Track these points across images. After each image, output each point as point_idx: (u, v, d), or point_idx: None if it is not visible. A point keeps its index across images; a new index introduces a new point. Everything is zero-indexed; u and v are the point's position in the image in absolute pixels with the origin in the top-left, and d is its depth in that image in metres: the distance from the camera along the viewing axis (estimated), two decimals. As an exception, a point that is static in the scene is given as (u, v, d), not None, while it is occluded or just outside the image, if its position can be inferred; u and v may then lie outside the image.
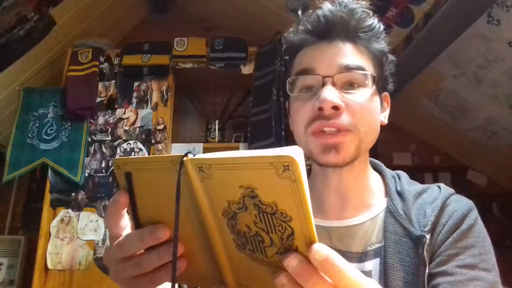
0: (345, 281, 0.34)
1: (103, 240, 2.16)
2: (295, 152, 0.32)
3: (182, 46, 2.49)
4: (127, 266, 0.42)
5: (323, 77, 0.62)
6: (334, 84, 0.61)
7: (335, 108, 0.59)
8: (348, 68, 0.62)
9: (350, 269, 0.34)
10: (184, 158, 0.36)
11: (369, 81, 0.63)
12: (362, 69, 0.63)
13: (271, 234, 0.36)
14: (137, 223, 0.43)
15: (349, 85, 0.62)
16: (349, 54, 0.63)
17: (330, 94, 0.59)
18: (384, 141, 2.93)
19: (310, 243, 0.34)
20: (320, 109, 0.60)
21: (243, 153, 0.34)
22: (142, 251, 0.42)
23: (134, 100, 2.43)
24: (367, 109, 0.62)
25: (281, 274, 0.35)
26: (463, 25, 1.75)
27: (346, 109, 0.60)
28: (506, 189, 2.86)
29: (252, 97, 2.43)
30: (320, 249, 0.34)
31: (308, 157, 0.64)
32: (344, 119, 0.60)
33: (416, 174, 2.78)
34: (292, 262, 0.34)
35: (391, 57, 0.70)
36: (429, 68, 2.16)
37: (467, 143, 2.71)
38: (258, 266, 0.39)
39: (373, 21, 0.66)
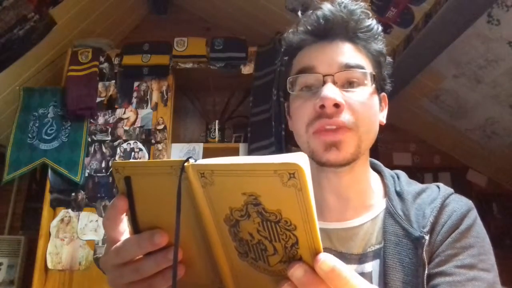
0: None
1: (103, 240, 2.16)
2: (301, 160, 0.31)
3: (182, 46, 2.48)
4: (125, 271, 0.42)
5: (324, 76, 0.62)
6: (334, 83, 0.61)
7: (336, 105, 0.59)
8: (348, 67, 0.62)
9: (356, 279, 0.34)
10: (185, 164, 0.35)
11: (369, 80, 0.63)
12: (361, 67, 0.63)
13: (275, 242, 0.35)
14: (135, 228, 0.42)
15: (349, 84, 0.62)
16: (348, 53, 0.64)
17: (332, 91, 0.59)
18: (384, 141, 2.93)
19: (315, 252, 0.34)
20: (322, 107, 0.59)
21: (246, 159, 0.33)
22: (141, 256, 0.42)
23: (134, 100, 2.43)
24: (367, 107, 0.62)
25: (285, 284, 0.35)
26: (463, 25, 1.75)
27: (347, 107, 0.60)
28: (506, 189, 2.86)
29: (252, 97, 2.42)
30: (327, 260, 0.33)
31: (309, 156, 0.64)
32: (345, 117, 0.60)
33: (416, 174, 2.78)
34: (297, 272, 0.34)
35: (388, 58, 0.70)
36: (429, 68, 2.16)
37: (467, 143, 2.71)
38: (260, 274, 0.38)
39: (372, 22, 0.67)
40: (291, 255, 0.35)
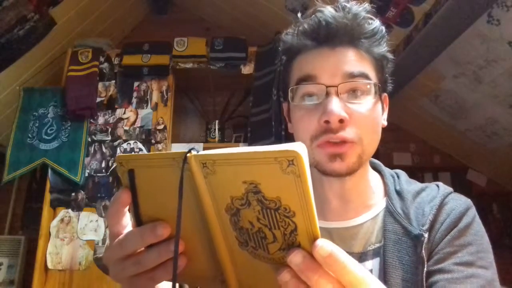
0: (349, 277, 0.34)
1: (103, 240, 2.16)
2: (299, 147, 0.32)
3: (182, 46, 2.49)
4: (127, 264, 0.42)
5: (327, 87, 0.60)
6: (338, 93, 0.60)
7: (341, 121, 0.58)
8: (352, 76, 0.61)
9: (353, 265, 0.34)
10: (188, 155, 0.36)
11: (372, 89, 0.62)
12: (365, 76, 0.62)
13: (274, 230, 0.35)
14: (138, 221, 0.42)
15: (353, 93, 0.61)
16: (352, 61, 0.62)
17: (336, 107, 0.58)
18: (384, 141, 2.90)
19: (313, 239, 0.34)
20: (326, 122, 0.59)
21: (247, 148, 0.34)
22: (143, 249, 0.42)
23: (134, 100, 2.43)
24: (371, 118, 0.61)
25: (284, 271, 0.35)
26: (463, 25, 1.75)
27: (351, 120, 0.59)
28: (506, 189, 2.86)
29: (252, 97, 2.43)
30: (325, 245, 0.33)
31: (314, 167, 0.64)
32: (349, 131, 0.59)
33: (416, 174, 2.78)
34: (295, 258, 0.34)
35: (390, 57, 0.68)
36: (429, 68, 2.16)
37: (467, 143, 2.71)
38: (261, 263, 0.38)
39: (376, 24, 0.65)
40: (290, 242, 0.35)
